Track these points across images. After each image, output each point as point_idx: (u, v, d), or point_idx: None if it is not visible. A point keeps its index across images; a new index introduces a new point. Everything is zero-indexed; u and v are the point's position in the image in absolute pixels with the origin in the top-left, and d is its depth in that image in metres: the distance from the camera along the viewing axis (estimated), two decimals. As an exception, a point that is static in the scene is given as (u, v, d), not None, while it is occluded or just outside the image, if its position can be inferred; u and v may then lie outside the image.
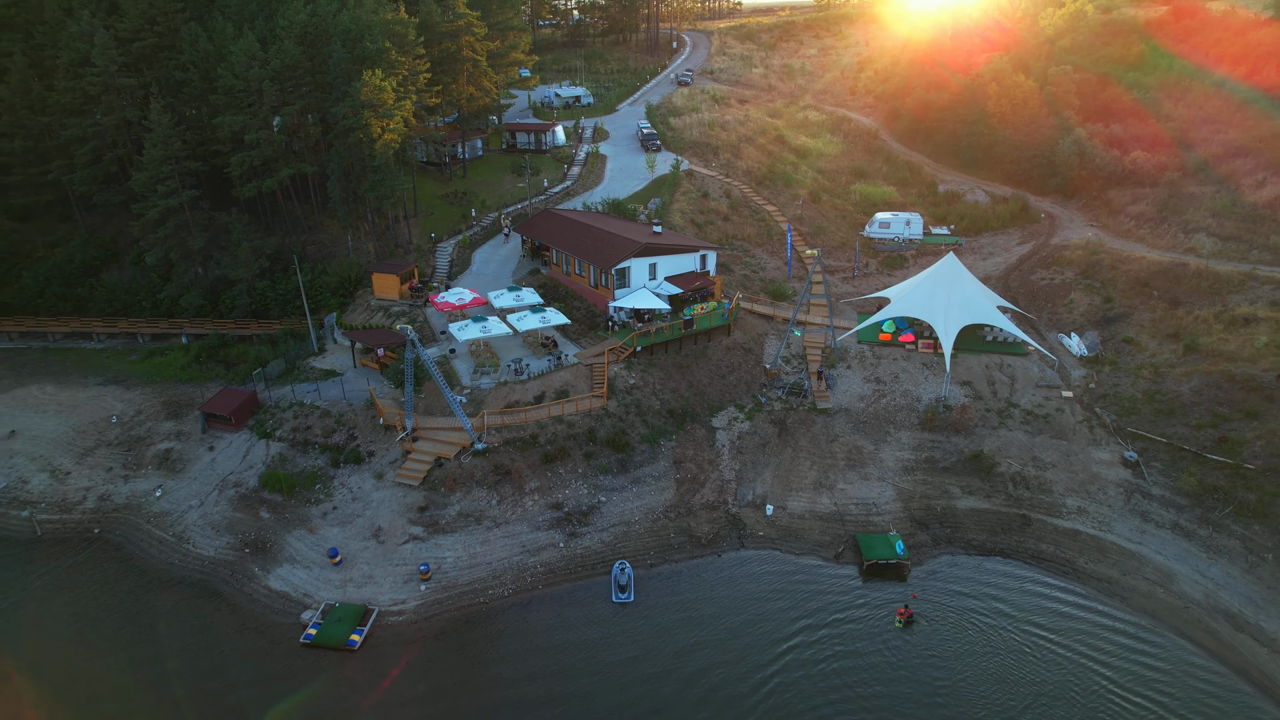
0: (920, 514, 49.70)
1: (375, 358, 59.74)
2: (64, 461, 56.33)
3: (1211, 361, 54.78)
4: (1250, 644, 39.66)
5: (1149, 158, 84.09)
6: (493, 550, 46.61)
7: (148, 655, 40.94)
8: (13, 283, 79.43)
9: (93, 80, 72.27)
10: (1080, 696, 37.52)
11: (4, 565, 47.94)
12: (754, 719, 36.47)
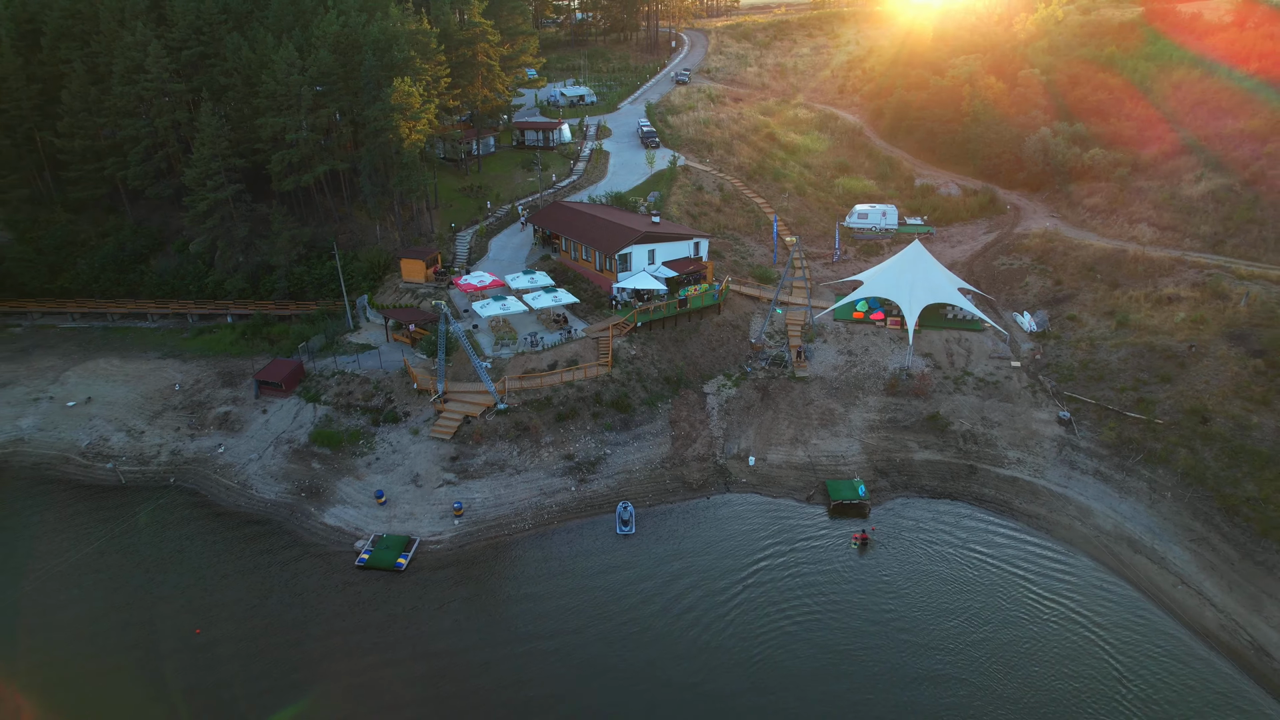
0: (881, 464, 57.81)
1: (407, 333, 67.80)
2: (137, 423, 64.48)
3: (1138, 335, 62.76)
4: (1145, 563, 47.74)
5: (1105, 154, 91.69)
6: (515, 493, 54.78)
7: (229, 576, 49.05)
8: (69, 269, 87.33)
9: (146, 85, 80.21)
10: (1006, 601, 45.56)
11: (98, 508, 56.05)
12: (729, 620, 44.51)
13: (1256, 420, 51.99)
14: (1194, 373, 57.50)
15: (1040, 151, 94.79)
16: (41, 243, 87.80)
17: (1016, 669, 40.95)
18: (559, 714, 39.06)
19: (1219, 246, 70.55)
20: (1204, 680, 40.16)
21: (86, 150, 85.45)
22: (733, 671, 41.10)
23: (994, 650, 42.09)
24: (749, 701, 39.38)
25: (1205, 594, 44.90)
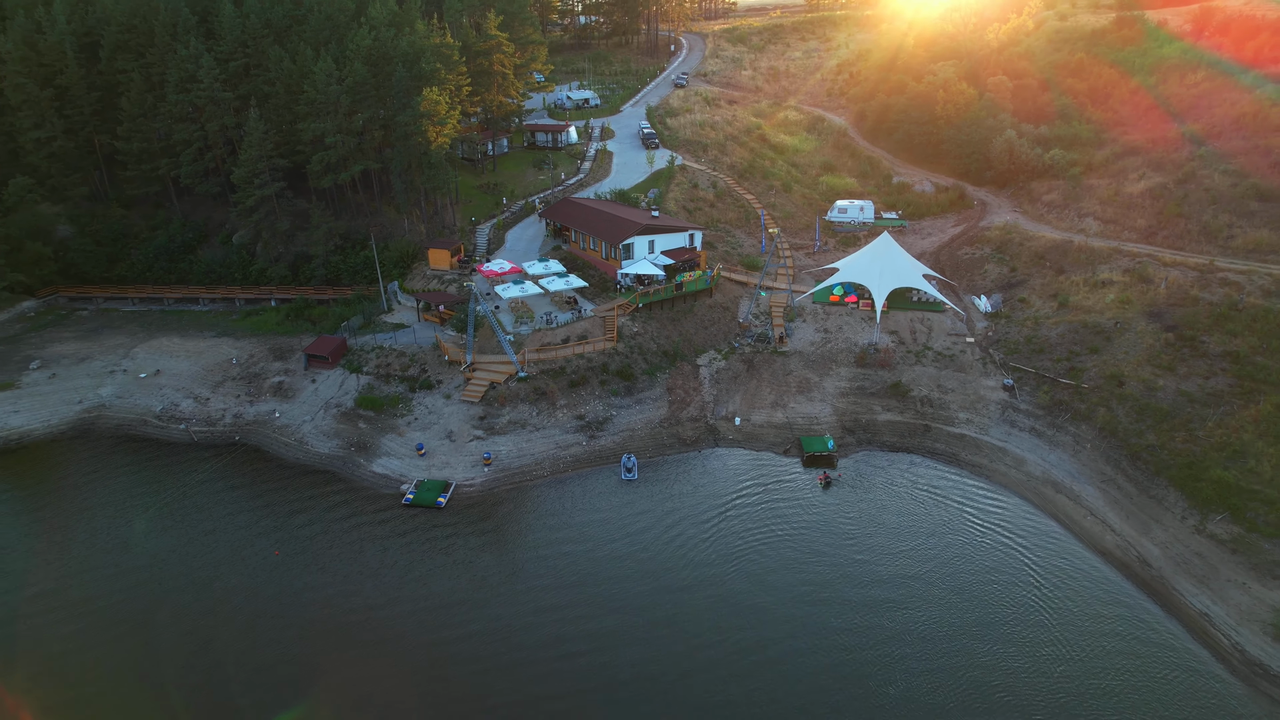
0: (849, 424, 67.19)
1: (437, 313, 77.18)
2: (202, 391, 73.90)
3: (1074, 314, 72.09)
4: (1064, 500, 57.10)
5: (1064, 155, 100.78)
6: (534, 446, 64.20)
7: (295, 511, 58.45)
8: (125, 259, 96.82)
9: (199, 94, 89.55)
10: (948, 529, 54.80)
11: (178, 464, 65.47)
12: (711, 540, 53.88)
13: (1161, 383, 61.33)
14: (1117, 345, 66.87)
15: (1006, 152, 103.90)
16: (99, 235, 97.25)
17: (953, 576, 50.29)
18: (574, 605, 48.32)
19: (1151, 238, 79.77)
20: (1098, 585, 49.53)
21: (142, 151, 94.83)
22: (711, 576, 50.43)
23: (936, 565, 51.42)
24: (729, 595, 48.66)
25: (1108, 522, 54.30)
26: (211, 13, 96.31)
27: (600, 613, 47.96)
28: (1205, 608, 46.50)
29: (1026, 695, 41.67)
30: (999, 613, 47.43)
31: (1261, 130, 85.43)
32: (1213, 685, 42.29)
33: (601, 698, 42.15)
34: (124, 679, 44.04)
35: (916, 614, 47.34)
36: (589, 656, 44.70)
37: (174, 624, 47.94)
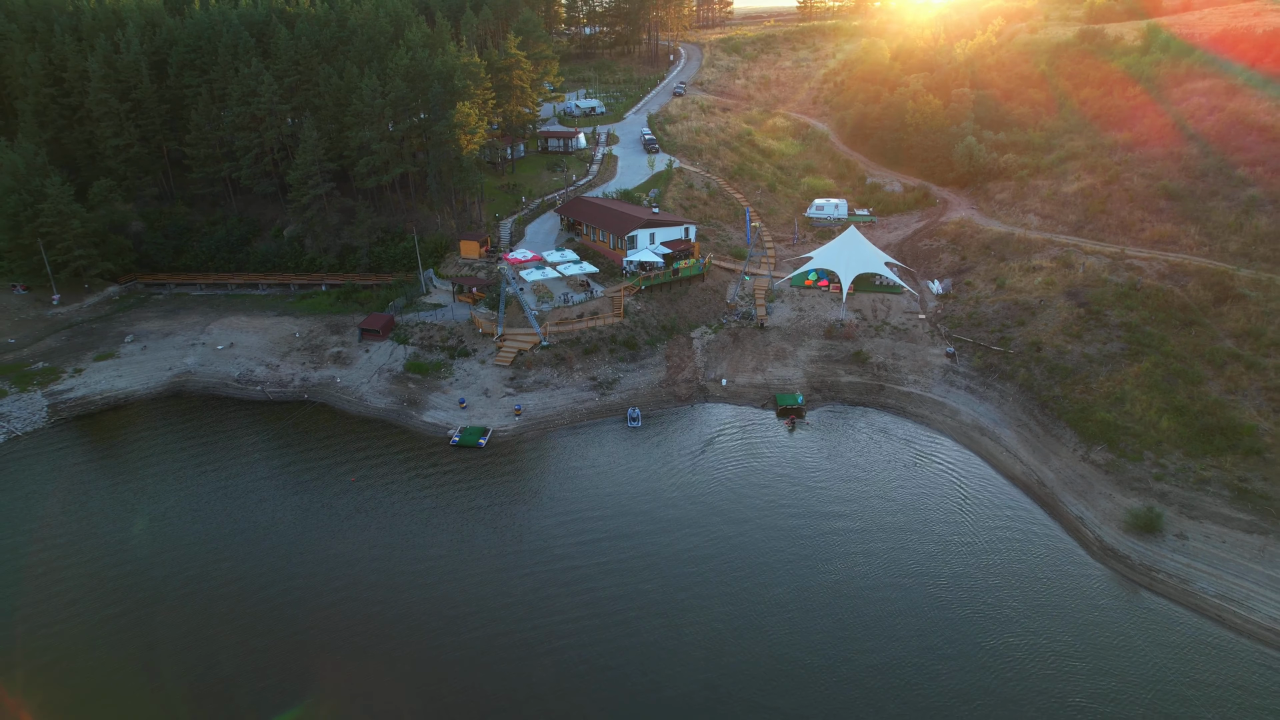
0: (817, 384, 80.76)
1: (470, 294, 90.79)
2: (272, 360, 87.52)
3: (1008, 294, 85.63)
4: (987, 441, 70.60)
5: (1016, 159, 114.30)
6: (556, 401, 77.80)
7: (363, 450, 71.99)
8: (189, 250, 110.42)
9: (258, 106, 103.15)
10: (891, 462, 68.23)
11: (260, 417, 79.06)
12: (697, 467, 67.41)
13: (1070, 348, 74.87)
14: (1039, 319, 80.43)
15: (966, 156, 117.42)
16: (167, 230, 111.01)
17: (892, 494, 63.61)
18: (589, 512, 61.62)
19: (1079, 230, 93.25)
20: (1006, 500, 62.96)
21: (207, 156, 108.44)
22: (695, 491, 63.81)
23: (880, 486, 64.79)
24: (709, 503, 62.07)
25: (1018, 455, 67.84)
26: (267, 35, 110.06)
27: (609, 515, 61.44)
28: (1080, 513, 60.08)
29: (941, 571, 55.01)
30: (927, 519, 60.83)
31: (1177, 139, 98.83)
32: (1077, 564, 55.78)
33: (608, 567, 55.47)
34: (250, 560, 57.50)
35: (860, 519, 60.78)
36: (601, 544, 58.09)
37: (281, 531, 61.44)
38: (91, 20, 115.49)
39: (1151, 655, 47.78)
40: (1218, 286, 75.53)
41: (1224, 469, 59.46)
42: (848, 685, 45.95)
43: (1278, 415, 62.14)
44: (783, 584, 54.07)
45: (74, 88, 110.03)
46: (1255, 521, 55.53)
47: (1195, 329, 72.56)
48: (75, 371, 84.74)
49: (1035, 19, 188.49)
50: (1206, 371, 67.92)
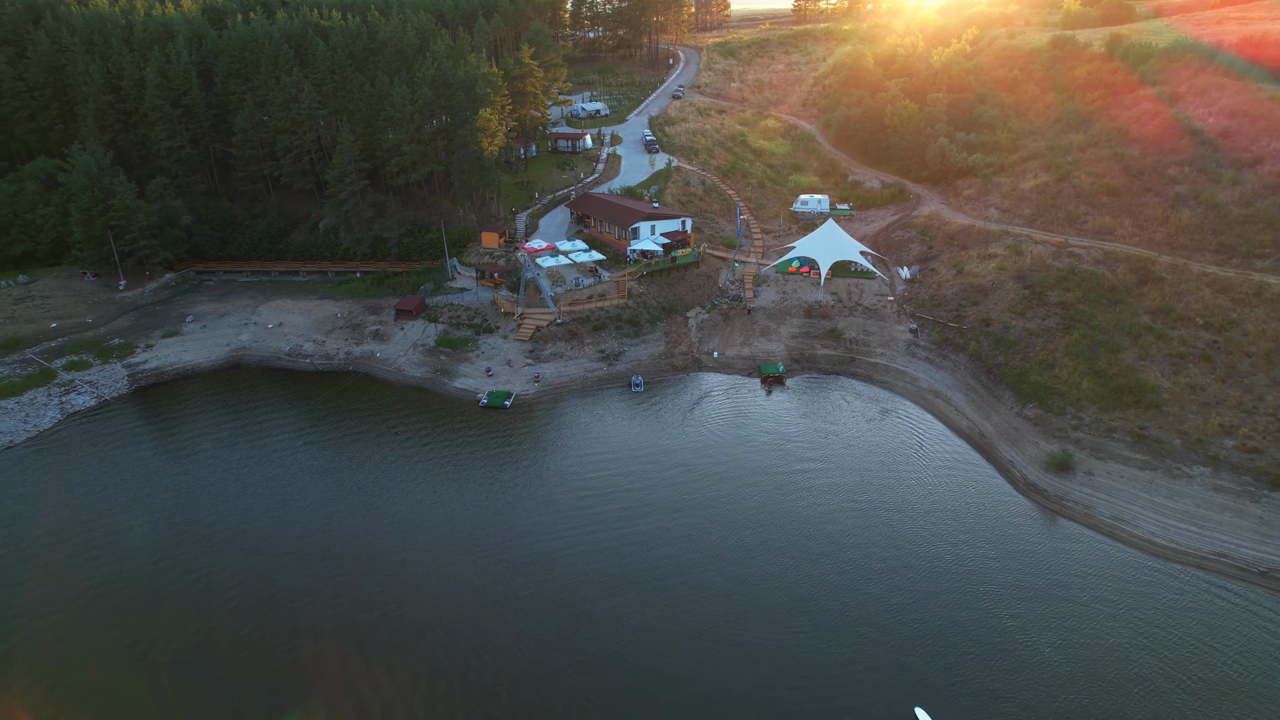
0: (796, 356, 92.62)
1: (492, 279, 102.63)
2: (318, 336, 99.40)
3: (966, 278, 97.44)
4: (940, 402, 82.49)
5: (983, 159, 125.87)
6: (569, 370, 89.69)
7: (404, 412, 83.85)
8: (234, 241, 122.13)
9: (299, 111, 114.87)
10: (857, 416, 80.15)
11: (312, 385, 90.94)
12: (690, 420, 79.28)
13: (1014, 324, 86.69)
14: (990, 299, 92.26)
15: (939, 156, 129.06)
16: (213, 222, 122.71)
17: (856, 444, 75.36)
18: (597, 455, 73.35)
19: (1032, 223, 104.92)
20: (951, 448, 74.77)
21: (250, 156, 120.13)
22: (685, 440, 75.59)
23: (845, 439, 76.55)
24: (696, 448, 73.84)
25: (965, 413, 79.73)
26: (304, 46, 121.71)
27: (613, 458, 73.21)
28: (1011, 457, 71.98)
29: (893, 501, 66.57)
30: (885, 463, 72.56)
31: (1122, 141, 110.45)
32: (1005, 496, 67.57)
33: (617, 492, 67.14)
34: (300, 504, 69.32)
35: (827, 463, 72.56)
36: (607, 479, 69.82)
37: (337, 475, 73.31)
38: (143, 33, 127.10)
39: (1053, 560, 59.68)
40: (1141, 270, 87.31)
41: (1128, 420, 71.36)
42: (808, 580, 57.78)
43: (1176, 376, 74.02)
44: (758, 508, 65.89)
45: (129, 94, 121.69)
46: (1148, 460, 67.48)
47: (1120, 307, 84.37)
48: (147, 347, 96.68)
49: (1016, 24, 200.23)
50: (1124, 342, 79.75)
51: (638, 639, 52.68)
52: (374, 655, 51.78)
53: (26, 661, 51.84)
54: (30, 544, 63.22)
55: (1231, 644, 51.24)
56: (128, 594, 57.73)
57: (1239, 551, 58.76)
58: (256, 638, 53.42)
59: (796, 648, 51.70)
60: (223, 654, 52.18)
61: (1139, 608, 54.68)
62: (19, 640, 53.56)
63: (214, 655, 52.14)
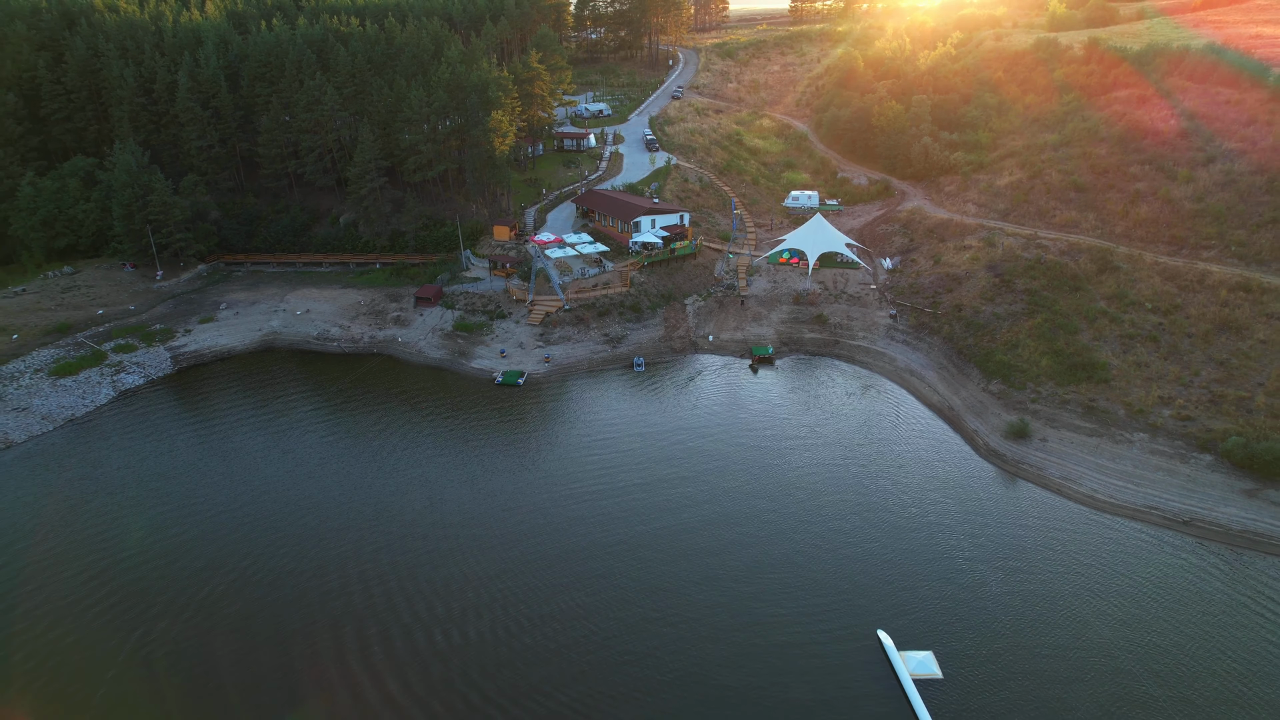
0: (785, 339, 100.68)
1: (504, 269, 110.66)
2: (343, 321, 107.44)
3: (943, 268, 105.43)
4: (915, 379, 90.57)
5: (964, 157, 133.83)
6: (576, 351, 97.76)
7: (427, 388, 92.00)
8: (259, 234, 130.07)
9: (322, 113, 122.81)
10: (838, 391, 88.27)
11: (339, 366, 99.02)
12: (686, 392, 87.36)
13: (984, 309, 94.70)
14: (964, 287, 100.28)
15: (922, 154, 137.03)
16: (239, 217, 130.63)
17: (837, 416, 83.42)
18: (601, 425, 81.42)
19: (1006, 217, 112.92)
20: (923, 420, 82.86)
21: (275, 155, 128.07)
22: (680, 412, 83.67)
23: (827, 412, 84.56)
24: (688, 418, 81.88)
25: (937, 390, 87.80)
26: (326, 52, 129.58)
27: (614, 426, 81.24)
28: (975, 427, 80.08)
29: (869, 466, 74.58)
30: (863, 433, 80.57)
31: (1092, 140, 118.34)
32: (968, 460, 75.58)
33: (620, 457, 75.13)
34: (330, 476, 77.39)
35: (810, 433, 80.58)
36: (610, 443, 77.89)
37: (367, 443, 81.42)
38: (173, 39, 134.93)
39: (1006, 514, 67.77)
40: (1101, 260, 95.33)
41: (1080, 393, 79.48)
42: (787, 523, 65.83)
43: (1124, 355, 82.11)
44: (748, 468, 74.02)
45: (161, 97, 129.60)
46: (1095, 428, 75.63)
47: (1079, 293, 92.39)
48: (186, 331, 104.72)
49: (1004, 26, 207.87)
50: (1082, 324, 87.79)
51: (642, 565, 60.76)
52: (427, 584, 59.93)
53: (123, 588, 59.90)
54: (101, 503, 71.31)
55: (1152, 581, 59.40)
56: (198, 536, 65.74)
57: (1168, 504, 66.92)
58: (309, 569, 61.51)
59: (775, 579, 59.78)
60: (287, 578, 60.30)
61: (1077, 551, 62.81)
62: (116, 571, 61.58)
63: (280, 576, 60.24)
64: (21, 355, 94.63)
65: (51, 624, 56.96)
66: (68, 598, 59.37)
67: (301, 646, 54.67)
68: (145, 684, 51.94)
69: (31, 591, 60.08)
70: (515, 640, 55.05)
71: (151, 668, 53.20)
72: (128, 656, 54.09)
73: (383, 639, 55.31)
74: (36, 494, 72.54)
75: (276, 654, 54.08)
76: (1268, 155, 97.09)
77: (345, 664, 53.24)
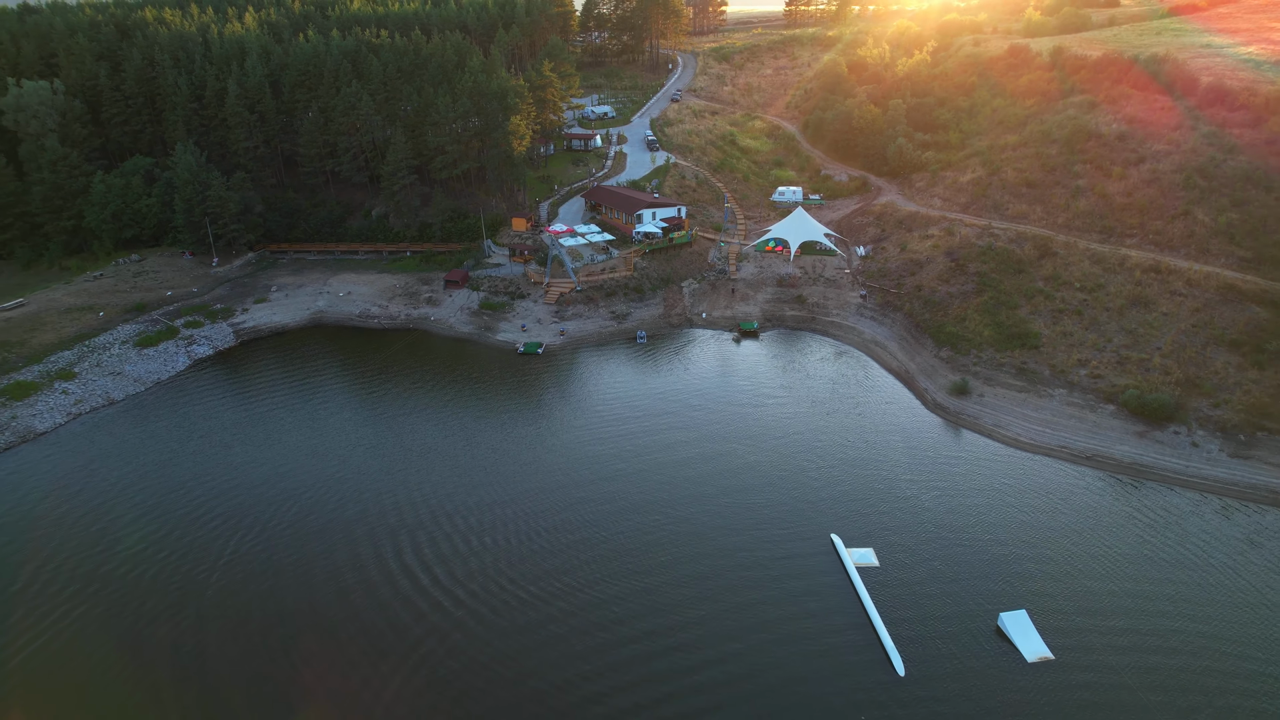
0: (769, 316, 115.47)
1: (522, 256, 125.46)
2: (381, 301, 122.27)
3: (908, 254, 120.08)
4: (879, 349, 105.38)
5: (935, 156, 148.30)
6: (587, 326, 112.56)
7: (453, 362, 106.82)
8: (298, 226, 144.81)
9: (358, 117, 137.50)
10: (810, 356, 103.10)
11: (381, 339, 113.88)
12: (680, 357, 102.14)
13: (940, 289, 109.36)
14: (924, 270, 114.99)
15: (897, 153, 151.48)
16: (281, 210, 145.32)
17: (808, 380, 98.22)
18: (609, 386, 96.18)
19: (966, 209, 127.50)
20: (884, 381, 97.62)
21: (314, 155, 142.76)
22: (674, 374, 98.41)
23: (802, 375, 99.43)
24: (681, 380, 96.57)
25: (897, 356, 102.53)
26: (360, 61, 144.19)
27: (620, 386, 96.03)
28: (926, 386, 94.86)
29: (834, 417, 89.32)
30: (831, 391, 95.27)
31: (1045, 142, 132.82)
32: (918, 413, 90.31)
33: (625, 411, 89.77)
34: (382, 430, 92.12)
35: (785, 390, 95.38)
36: (616, 399, 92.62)
37: (412, 401, 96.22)
38: (220, 49, 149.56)
39: (945, 452, 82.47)
40: (1042, 247, 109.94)
41: (1014, 358, 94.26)
42: (765, 457, 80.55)
43: (1054, 326, 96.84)
44: (732, 420, 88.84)
45: (210, 102, 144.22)
46: (1024, 386, 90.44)
47: (1022, 275, 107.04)
48: (243, 310, 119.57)
49: (984, 32, 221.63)
50: (1021, 301, 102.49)
51: (640, 488, 75.56)
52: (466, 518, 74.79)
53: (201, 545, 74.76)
54: (195, 445, 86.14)
55: (1056, 498, 74.23)
56: (279, 471, 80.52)
57: (1075, 444, 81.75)
58: (369, 494, 76.33)
59: (751, 498, 74.56)
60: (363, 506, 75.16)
61: (998, 479, 77.59)
62: (222, 491, 76.40)
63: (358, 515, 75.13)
64: (109, 329, 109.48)
65: (190, 524, 71.94)
66: (190, 511, 74.34)
67: (368, 549, 69.49)
68: (259, 564, 66.89)
69: (176, 499, 75.04)
70: (533, 542, 69.64)
71: (271, 540, 68.17)
72: (258, 532, 69.09)
73: (431, 543, 69.84)
74: (142, 439, 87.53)
75: (349, 549, 68.96)
76: (1187, 156, 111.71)
77: (402, 561, 67.87)
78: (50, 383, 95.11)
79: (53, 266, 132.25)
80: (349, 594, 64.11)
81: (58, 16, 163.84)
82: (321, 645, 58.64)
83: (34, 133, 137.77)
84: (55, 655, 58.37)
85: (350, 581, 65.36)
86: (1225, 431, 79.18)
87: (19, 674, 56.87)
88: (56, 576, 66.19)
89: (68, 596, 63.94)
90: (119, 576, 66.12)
